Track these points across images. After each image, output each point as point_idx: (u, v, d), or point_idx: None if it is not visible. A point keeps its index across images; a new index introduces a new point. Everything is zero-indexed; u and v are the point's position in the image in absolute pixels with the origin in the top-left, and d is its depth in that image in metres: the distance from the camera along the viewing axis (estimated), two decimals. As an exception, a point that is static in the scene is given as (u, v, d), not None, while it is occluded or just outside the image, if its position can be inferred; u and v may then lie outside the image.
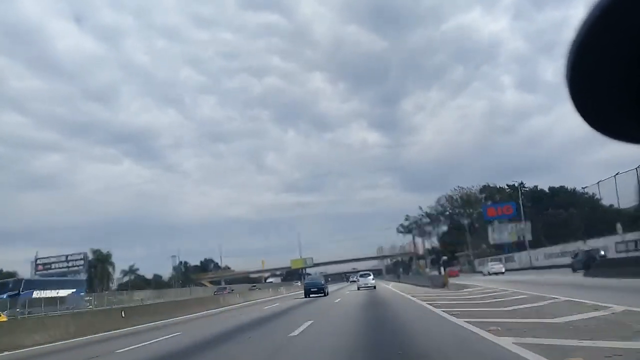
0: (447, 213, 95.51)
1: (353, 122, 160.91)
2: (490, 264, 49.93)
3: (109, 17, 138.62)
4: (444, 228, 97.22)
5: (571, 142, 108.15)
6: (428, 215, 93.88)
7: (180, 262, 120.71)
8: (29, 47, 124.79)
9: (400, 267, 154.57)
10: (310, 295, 30.18)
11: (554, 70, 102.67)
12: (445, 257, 75.38)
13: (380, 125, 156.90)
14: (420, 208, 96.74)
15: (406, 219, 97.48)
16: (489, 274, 44.60)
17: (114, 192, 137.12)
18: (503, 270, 43.65)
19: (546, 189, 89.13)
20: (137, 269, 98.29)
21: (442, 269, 74.43)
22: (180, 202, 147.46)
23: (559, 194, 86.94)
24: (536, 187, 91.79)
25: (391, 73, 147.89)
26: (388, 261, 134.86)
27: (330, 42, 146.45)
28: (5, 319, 25.78)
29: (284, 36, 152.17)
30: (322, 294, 30.33)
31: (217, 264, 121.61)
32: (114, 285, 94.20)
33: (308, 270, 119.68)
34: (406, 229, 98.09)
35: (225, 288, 62.10)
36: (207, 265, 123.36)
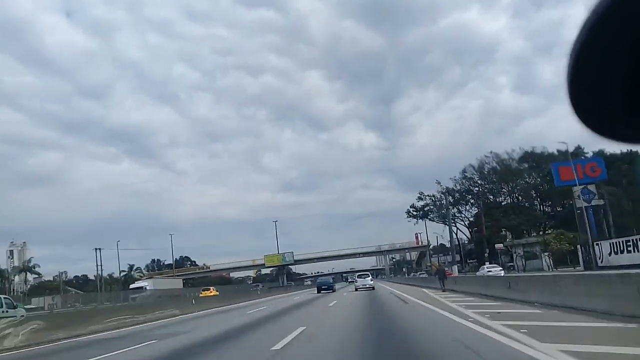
0: (477, 190, 68.96)
1: (349, 122, 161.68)
2: (487, 265, 43.69)
3: (100, 11, 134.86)
4: (469, 210, 70.84)
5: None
6: (450, 192, 67.14)
7: (153, 260, 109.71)
8: (20, 42, 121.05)
9: (403, 265, 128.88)
10: (322, 292, 36.59)
11: (551, 72, 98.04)
12: (501, 245, 48.42)
13: (376, 126, 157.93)
14: (439, 183, 69.97)
15: (419, 198, 70.67)
16: None
17: (108, 190, 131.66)
18: (502, 273, 35.46)
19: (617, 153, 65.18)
20: (36, 266, 71.00)
21: (486, 265, 48.16)
22: (174, 201, 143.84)
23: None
24: (602, 150, 66.14)
25: (387, 72, 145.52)
26: (387, 259, 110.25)
27: (327, 38, 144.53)
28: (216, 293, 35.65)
29: (280, 32, 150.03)
30: (331, 290, 37.46)
31: (194, 262, 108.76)
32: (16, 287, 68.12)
33: (289, 269, 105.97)
34: (419, 212, 71.19)
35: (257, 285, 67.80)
36: (181, 264, 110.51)
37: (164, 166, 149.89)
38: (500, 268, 41.57)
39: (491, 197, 68.54)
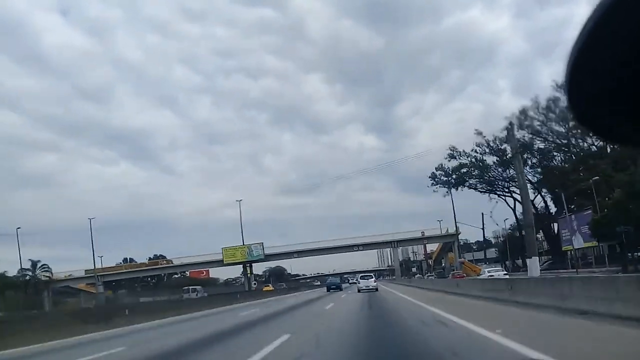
0: (541, 145, 43.84)
1: (349, 125, 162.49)
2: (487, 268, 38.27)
3: (96, 10, 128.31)
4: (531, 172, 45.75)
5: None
6: (496, 149, 41.76)
7: (125, 259, 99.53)
8: (16, 42, 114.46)
9: (412, 265, 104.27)
10: (330, 290, 41.49)
11: (549, 74, 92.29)
12: None
13: (376, 128, 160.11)
14: (480, 133, 44.94)
15: (451, 156, 45.46)
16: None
17: (108, 192, 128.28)
18: (501, 274, 31.94)
19: None
20: None
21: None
22: (172, 202, 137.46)
23: None
24: None
25: (387, 74, 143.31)
26: (398, 254, 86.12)
27: (326, 40, 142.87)
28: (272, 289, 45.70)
29: (278, 33, 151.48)
30: (339, 289, 42.07)
31: (170, 261, 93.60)
32: None
33: (257, 266, 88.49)
34: (451, 176, 45.92)
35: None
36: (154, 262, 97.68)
37: (162, 169, 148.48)
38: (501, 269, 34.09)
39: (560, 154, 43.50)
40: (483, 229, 51.34)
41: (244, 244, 63.83)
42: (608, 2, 0.72)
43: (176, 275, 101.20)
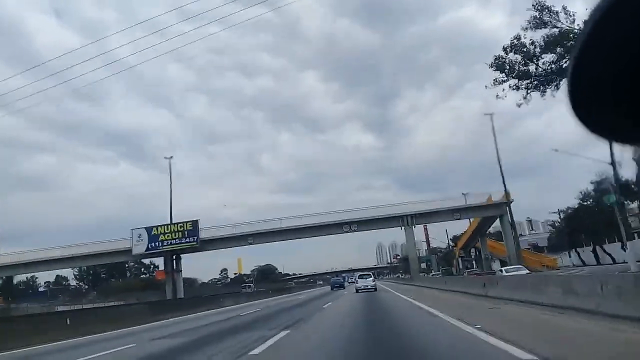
0: None
1: (347, 124, 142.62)
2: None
3: (90, 11, 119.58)
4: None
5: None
6: None
7: None
8: (9, 42, 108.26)
9: (425, 261, 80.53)
10: (334, 289, 45.88)
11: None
12: None
13: (374, 127, 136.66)
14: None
15: (537, 21, 21.49)
16: None
17: (104, 193, 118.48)
18: (523, 273, 28.33)
19: None
20: None
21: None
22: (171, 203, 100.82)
23: None
24: None
25: (384, 73, 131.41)
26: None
27: (322, 38, 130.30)
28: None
29: (274, 31, 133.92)
30: (342, 288, 46.38)
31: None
32: None
33: (246, 264, 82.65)
34: (540, 59, 22.10)
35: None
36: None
37: (159, 168, 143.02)
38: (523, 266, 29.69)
39: None
40: (615, 172, 25.80)
41: (171, 222, 40.51)
42: (607, 2, 0.71)
43: (144, 275, 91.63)
